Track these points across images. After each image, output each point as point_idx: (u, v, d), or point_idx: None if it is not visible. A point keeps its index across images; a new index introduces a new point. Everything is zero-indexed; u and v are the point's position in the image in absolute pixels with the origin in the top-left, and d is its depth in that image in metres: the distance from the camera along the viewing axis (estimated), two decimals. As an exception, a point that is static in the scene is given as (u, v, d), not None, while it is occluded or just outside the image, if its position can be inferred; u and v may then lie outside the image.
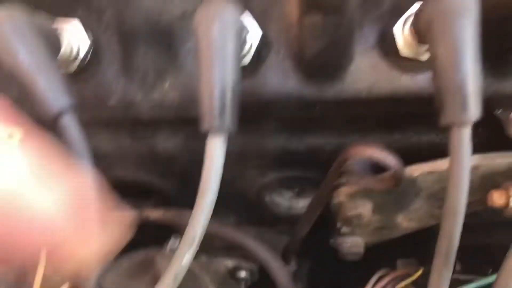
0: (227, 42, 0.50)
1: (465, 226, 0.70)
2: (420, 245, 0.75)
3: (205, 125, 0.51)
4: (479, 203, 0.68)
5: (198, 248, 0.57)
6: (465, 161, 0.50)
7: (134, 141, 0.76)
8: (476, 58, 0.48)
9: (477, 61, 0.48)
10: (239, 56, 0.53)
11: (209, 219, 0.54)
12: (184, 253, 0.54)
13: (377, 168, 0.63)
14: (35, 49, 0.51)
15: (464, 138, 0.49)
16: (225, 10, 0.50)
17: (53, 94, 0.52)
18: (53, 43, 0.58)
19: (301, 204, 0.87)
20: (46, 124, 0.53)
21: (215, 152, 0.51)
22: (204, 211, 0.52)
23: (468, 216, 0.71)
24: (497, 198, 0.62)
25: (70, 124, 0.53)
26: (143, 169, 0.81)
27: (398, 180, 0.59)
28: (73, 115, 0.53)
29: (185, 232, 0.54)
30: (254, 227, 0.94)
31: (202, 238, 0.55)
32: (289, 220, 0.89)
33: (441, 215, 0.53)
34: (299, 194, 0.87)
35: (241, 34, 0.53)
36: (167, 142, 0.76)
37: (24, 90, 0.53)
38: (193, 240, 0.54)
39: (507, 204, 0.62)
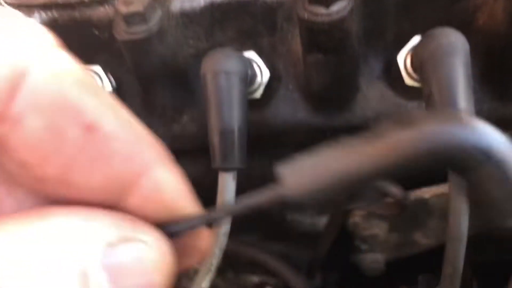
0: (231, 88, 0.54)
1: (481, 243, 0.72)
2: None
3: (215, 164, 0.55)
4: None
5: (223, 266, 0.61)
6: (464, 190, 0.52)
7: (159, 168, 0.81)
8: (469, 93, 0.50)
9: (471, 96, 0.50)
10: (245, 98, 0.56)
11: (224, 248, 0.58)
12: (202, 280, 0.59)
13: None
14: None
15: (461, 170, 0.51)
16: (228, 60, 0.54)
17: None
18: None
19: (322, 221, 0.89)
20: None
21: (226, 189, 0.56)
22: (218, 243, 0.57)
23: (483, 234, 0.72)
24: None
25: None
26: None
27: (402, 207, 0.62)
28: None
29: (203, 262, 0.58)
30: (280, 242, 0.98)
31: (219, 264, 0.59)
32: (314, 235, 0.92)
33: (446, 242, 0.55)
34: (319, 212, 0.90)
35: (246, 77, 0.57)
36: (189, 169, 0.80)
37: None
38: (209, 268, 0.58)
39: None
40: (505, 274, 0.71)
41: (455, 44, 0.49)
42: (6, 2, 0.67)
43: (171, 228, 0.31)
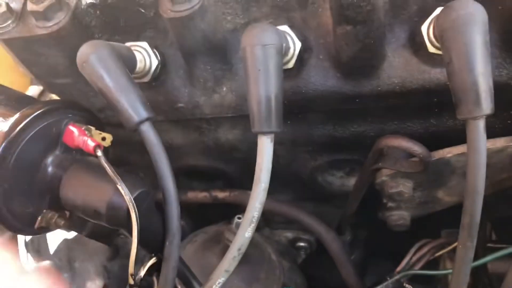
0: (268, 60, 0.60)
1: (499, 199, 0.77)
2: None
3: (255, 128, 0.62)
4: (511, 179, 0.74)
5: (260, 224, 0.68)
6: (481, 149, 0.56)
7: (201, 135, 0.88)
8: (487, 60, 0.55)
9: (488, 62, 0.55)
10: (281, 68, 0.62)
11: (264, 203, 0.65)
12: (245, 230, 0.65)
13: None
14: (116, 73, 0.63)
15: (478, 129, 0.56)
16: (266, 34, 0.60)
17: (133, 108, 0.63)
18: (129, 62, 0.70)
19: (352, 182, 0.95)
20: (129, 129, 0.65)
21: (265, 150, 0.62)
22: (259, 198, 0.63)
23: (502, 190, 0.77)
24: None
25: (148, 132, 0.64)
26: (210, 157, 0.93)
27: (425, 164, 0.67)
28: (150, 124, 0.65)
29: (245, 214, 0.65)
30: (311, 202, 1.04)
31: (259, 217, 0.66)
32: (343, 196, 0.98)
33: (464, 195, 0.60)
34: (349, 173, 0.96)
35: (281, 48, 0.62)
36: (228, 134, 0.87)
37: (110, 104, 0.65)
38: (251, 220, 0.65)
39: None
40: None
41: (473, 15, 0.54)
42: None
43: None
